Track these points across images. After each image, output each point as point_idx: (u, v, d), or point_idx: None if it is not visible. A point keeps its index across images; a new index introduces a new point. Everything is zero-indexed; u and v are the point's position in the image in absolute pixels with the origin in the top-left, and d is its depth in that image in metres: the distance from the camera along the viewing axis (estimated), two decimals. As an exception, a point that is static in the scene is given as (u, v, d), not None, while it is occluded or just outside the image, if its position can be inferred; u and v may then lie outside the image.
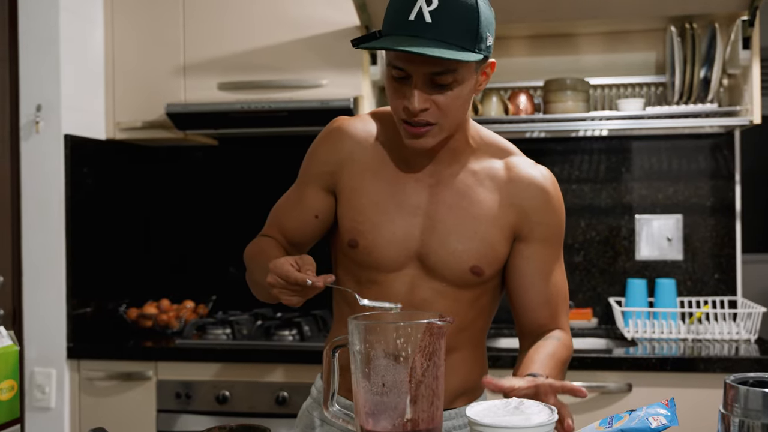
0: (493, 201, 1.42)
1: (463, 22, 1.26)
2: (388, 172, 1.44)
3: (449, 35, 1.25)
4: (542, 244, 1.45)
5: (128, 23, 2.87)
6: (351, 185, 1.45)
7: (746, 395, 0.95)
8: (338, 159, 1.47)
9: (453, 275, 1.42)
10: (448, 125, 1.35)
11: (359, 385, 1.11)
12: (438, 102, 1.31)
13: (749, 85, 2.60)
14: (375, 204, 1.43)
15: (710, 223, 2.94)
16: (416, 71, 1.28)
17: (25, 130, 2.66)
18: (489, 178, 1.44)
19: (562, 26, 2.90)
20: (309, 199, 1.50)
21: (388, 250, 1.41)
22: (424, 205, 1.42)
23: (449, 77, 1.29)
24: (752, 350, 2.44)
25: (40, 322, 2.65)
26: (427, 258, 1.42)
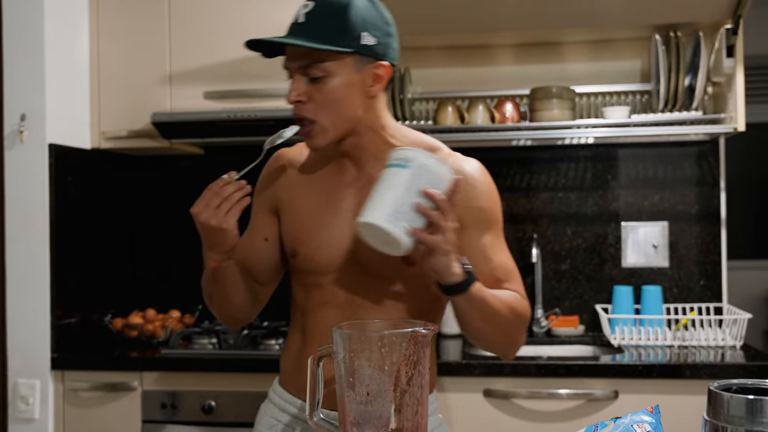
0: None
1: (331, 19, 1.37)
2: (320, 184, 1.54)
3: (314, 31, 1.37)
4: (477, 230, 1.47)
5: (114, 32, 2.86)
6: (289, 203, 1.56)
7: (729, 402, 0.95)
8: (277, 183, 1.59)
9: (388, 271, 1.46)
10: (329, 123, 1.42)
11: (344, 394, 1.10)
12: (313, 96, 1.40)
13: (733, 92, 2.62)
14: (310, 214, 1.52)
15: (696, 230, 2.95)
16: (290, 66, 1.42)
17: (10, 140, 2.64)
18: None
19: (548, 35, 2.91)
20: (258, 224, 1.61)
21: (326, 254, 1.49)
22: (355, 207, 1.48)
23: (318, 70, 1.38)
24: (738, 356, 2.45)
25: (24, 332, 2.63)
26: (361, 256, 1.47)
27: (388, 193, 1.27)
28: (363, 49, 1.38)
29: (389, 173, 1.30)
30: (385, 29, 1.43)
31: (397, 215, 1.26)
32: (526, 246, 3.00)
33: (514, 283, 1.50)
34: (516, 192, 3.04)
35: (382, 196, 1.28)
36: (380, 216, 1.26)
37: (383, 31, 1.42)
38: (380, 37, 1.41)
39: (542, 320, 2.91)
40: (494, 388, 2.40)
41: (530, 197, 3.03)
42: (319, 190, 1.53)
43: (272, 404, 1.61)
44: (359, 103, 1.43)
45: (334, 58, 1.38)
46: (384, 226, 1.26)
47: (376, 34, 1.40)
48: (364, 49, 1.39)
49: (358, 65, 1.40)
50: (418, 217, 1.27)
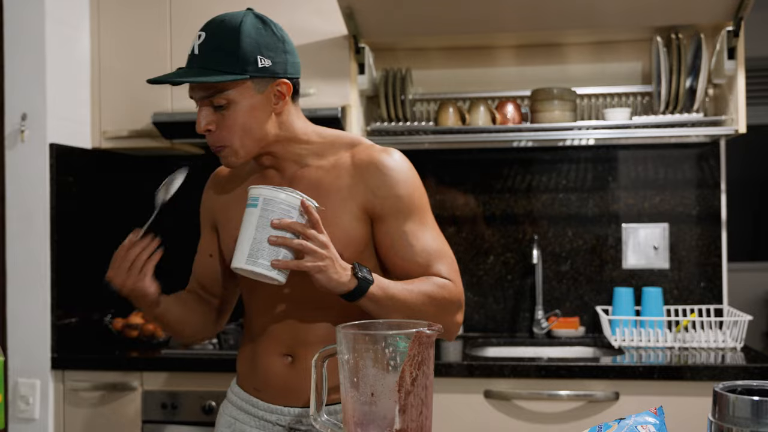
0: (340, 188, 1.51)
1: (223, 49, 1.41)
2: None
3: (209, 62, 1.41)
4: (398, 218, 1.50)
5: (115, 32, 2.86)
6: (223, 218, 1.62)
7: (735, 403, 0.95)
8: (212, 204, 1.67)
9: None
10: (240, 143, 1.46)
11: (348, 394, 1.10)
12: (220, 123, 1.45)
13: (734, 94, 2.62)
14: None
15: (696, 232, 2.95)
16: (194, 96, 1.45)
17: (10, 139, 2.64)
18: (336, 169, 1.53)
19: (549, 36, 2.91)
20: (204, 242, 1.70)
21: None
22: None
23: (221, 99, 1.43)
24: (738, 358, 2.45)
25: (24, 332, 2.62)
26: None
27: (243, 235, 1.36)
28: (260, 71, 1.43)
29: (244, 215, 1.37)
30: (279, 47, 1.47)
31: (256, 254, 1.34)
32: (527, 247, 3.00)
33: (440, 266, 1.50)
34: (517, 193, 3.04)
35: (240, 239, 1.36)
36: (241, 259, 1.34)
37: (278, 49, 1.46)
38: (275, 56, 1.45)
39: (543, 321, 2.91)
40: (495, 389, 2.40)
41: (531, 198, 3.03)
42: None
43: (230, 403, 1.64)
44: (266, 122, 1.48)
45: (233, 86, 1.42)
46: (246, 267, 1.34)
47: (270, 55, 1.44)
48: (261, 72, 1.43)
49: (259, 87, 1.44)
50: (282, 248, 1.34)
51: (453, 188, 3.06)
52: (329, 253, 1.35)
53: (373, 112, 2.98)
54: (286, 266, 1.34)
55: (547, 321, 2.91)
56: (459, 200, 3.06)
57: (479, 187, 3.06)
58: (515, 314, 3.03)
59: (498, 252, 3.04)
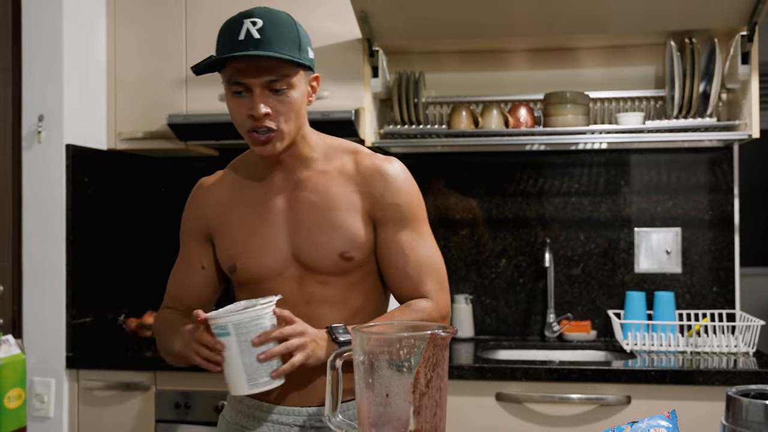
0: (345, 192, 1.56)
1: (287, 35, 1.45)
2: (248, 199, 1.61)
3: (277, 45, 1.43)
4: (396, 225, 1.56)
5: (131, 34, 2.88)
6: (221, 224, 1.62)
7: (748, 407, 0.95)
8: (204, 212, 1.65)
9: (326, 265, 1.54)
10: (288, 130, 1.50)
11: (362, 395, 1.11)
12: (276, 108, 1.47)
13: (748, 99, 2.62)
14: (243, 228, 1.58)
15: (709, 237, 2.95)
16: (255, 82, 1.45)
17: (27, 140, 2.67)
18: (339, 174, 1.57)
19: (563, 40, 2.91)
20: (191, 254, 1.67)
21: (264, 262, 1.55)
22: (285, 211, 1.57)
23: (284, 83, 1.46)
24: (751, 363, 2.45)
25: (40, 331, 2.65)
26: (300, 256, 1.55)
27: (232, 365, 1.41)
28: (310, 62, 1.50)
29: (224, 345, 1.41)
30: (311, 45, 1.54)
31: (255, 376, 1.40)
32: (539, 251, 3.01)
33: (428, 283, 1.56)
34: (529, 197, 3.04)
35: (230, 370, 1.41)
36: (243, 387, 1.41)
37: (311, 46, 1.53)
38: (312, 51, 1.53)
39: (554, 325, 2.91)
40: (506, 392, 2.40)
41: (543, 202, 3.04)
42: (249, 203, 1.60)
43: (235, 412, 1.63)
44: (305, 113, 1.54)
45: (295, 72, 1.47)
46: (252, 392, 1.41)
47: (311, 49, 1.52)
48: (310, 62, 1.50)
49: (305, 77, 1.51)
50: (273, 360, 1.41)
51: (465, 191, 3.07)
52: (309, 336, 1.43)
53: (387, 115, 2.99)
54: (284, 372, 1.42)
55: (558, 324, 2.92)
56: (471, 203, 3.07)
57: (492, 191, 3.07)
58: (527, 317, 3.04)
59: (510, 255, 3.05)
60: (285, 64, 1.45)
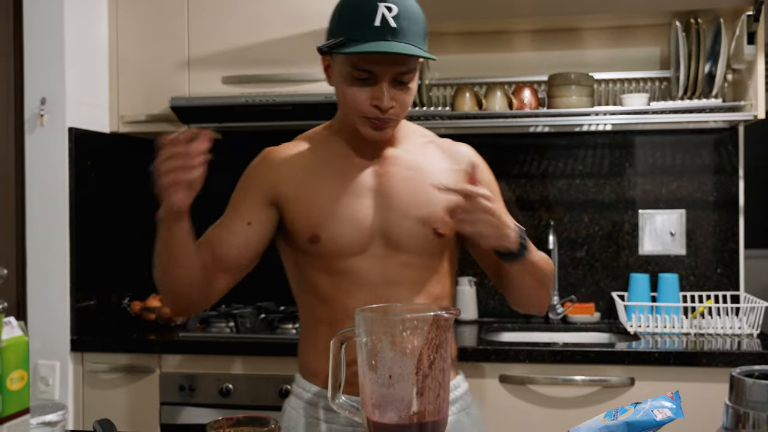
0: (440, 168, 1.56)
1: (418, 26, 1.43)
2: (331, 170, 1.56)
3: (412, 37, 1.41)
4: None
5: (133, 17, 2.87)
6: (296, 193, 1.54)
7: (752, 387, 0.95)
8: (276, 178, 1.56)
9: (418, 243, 1.52)
10: (401, 118, 1.51)
11: (366, 377, 1.11)
12: (400, 98, 1.46)
13: (754, 80, 2.60)
14: (328, 197, 1.53)
15: (713, 219, 2.94)
16: (386, 72, 1.42)
17: (30, 123, 2.66)
18: (428, 153, 1.59)
19: (567, 21, 2.89)
20: (243, 210, 1.56)
21: (350, 234, 1.50)
22: (375, 185, 1.54)
23: (411, 75, 1.45)
24: (755, 345, 2.44)
25: (44, 314, 2.66)
26: (390, 233, 1.51)
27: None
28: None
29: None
30: None
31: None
32: (543, 233, 3.00)
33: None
34: (533, 179, 3.03)
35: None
36: None
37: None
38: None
39: (558, 307, 2.91)
40: (510, 373, 2.41)
41: (547, 184, 3.03)
42: (333, 176, 1.54)
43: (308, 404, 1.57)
44: None
45: (419, 64, 1.47)
46: None
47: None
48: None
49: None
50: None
51: (469, 173, 3.06)
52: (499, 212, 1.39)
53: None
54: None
55: (562, 306, 2.92)
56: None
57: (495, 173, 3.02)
58: (531, 300, 3.03)
59: (514, 237, 3.04)
60: (415, 58, 1.42)
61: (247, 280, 1.63)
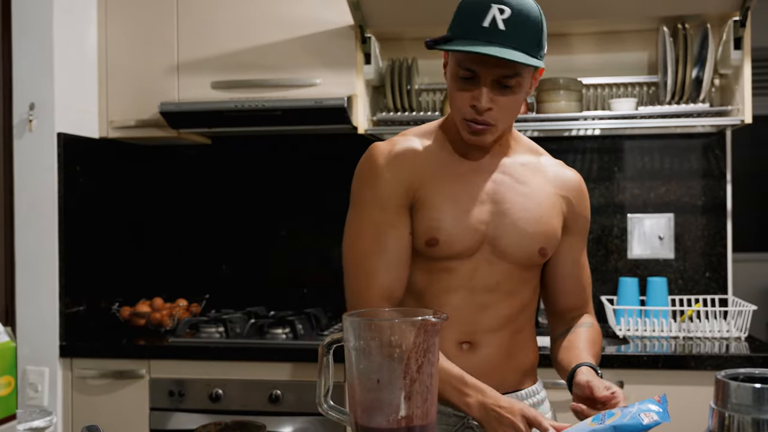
0: (547, 190, 1.55)
1: (531, 31, 1.39)
2: (451, 170, 1.53)
3: (519, 42, 1.37)
4: (580, 236, 1.60)
5: (122, 22, 2.87)
6: (424, 194, 1.50)
7: (737, 390, 0.96)
8: (413, 177, 1.50)
9: (522, 256, 1.51)
10: (503, 125, 1.47)
11: (354, 381, 1.11)
12: (501, 103, 1.42)
13: (740, 85, 2.62)
14: (450, 200, 1.51)
15: (702, 222, 2.95)
16: (487, 73, 1.40)
17: (19, 129, 2.66)
18: (537, 170, 1.57)
19: (556, 26, 2.90)
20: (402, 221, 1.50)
21: (466, 239, 1.49)
22: (491, 192, 1.52)
23: (514, 80, 1.40)
24: (742, 348, 2.46)
25: (33, 320, 2.65)
26: (498, 241, 1.50)
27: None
28: (542, 59, 1.43)
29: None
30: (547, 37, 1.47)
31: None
32: (532, 237, 3.01)
33: (590, 303, 1.66)
34: (522, 183, 3.04)
35: None
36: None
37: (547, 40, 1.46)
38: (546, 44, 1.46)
39: (548, 311, 2.92)
40: (500, 378, 2.41)
41: (536, 188, 3.03)
42: (453, 177, 1.52)
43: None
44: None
45: (528, 71, 1.42)
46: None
47: (546, 42, 1.45)
48: (542, 60, 1.43)
49: (533, 72, 1.45)
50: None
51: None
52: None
53: (379, 102, 2.98)
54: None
55: (552, 310, 2.92)
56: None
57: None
58: (520, 304, 3.04)
59: (503, 242, 3.05)
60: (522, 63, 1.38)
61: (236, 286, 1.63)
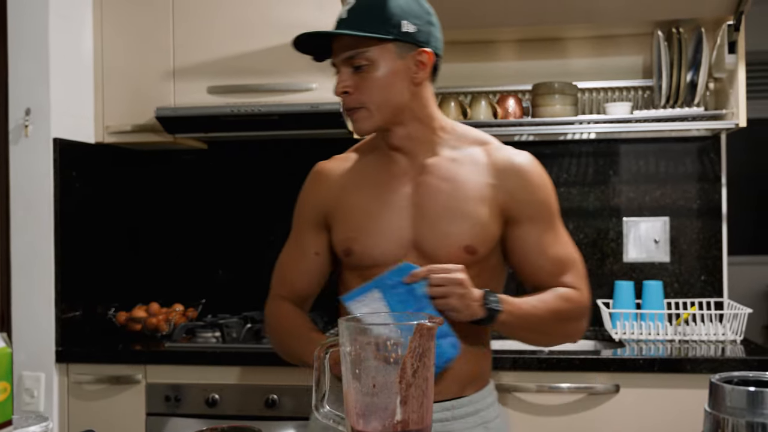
0: (477, 182, 1.50)
1: (371, 11, 1.43)
2: (370, 182, 1.55)
3: (357, 24, 1.42)
4: (532, 222, 1.52)
5: (118, 27, 2.87)
6: (338, 209, 1.57)
7: (731, 394, 0.96)
8: (321, 196, 1.60)
9: (447, 257, 1.47)
10: (375, 108, 1.47)
11: (350, 386, 1.11)
12: (359, 84, 1.45)
13: (735, 88, 2.63)
14: (363, 211, 1.52)
15: (697, 226, 2.96)
16: (337, 60, 1.47)
17: (14, 134, 2.66)
18: (470, 163, 1.52)
19: (551, 30, 2.91)
20: (306, 240, 1.62)
21: (384, 247, 1.49)
22: (410, 196, 1.51)
23: (362, 59, 1.44)
24: (738, 351, 2.46)
25: (29, 325, 2.64)
26: (421, 244, 1.49)
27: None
28: (404, 36, 1.43)
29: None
30: (425, 18, 1.48)
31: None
32: (528, 241, 3.01)
33: (569, 275, 1.54)
34: (518, 187, 3.04)
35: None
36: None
37: (423, 19, 1.47)
38: (420, 25, 1.46)
39: (544, 315, 2.92)
40: (497, 381, 2.40)
41: (532, 192, 3.04)
42: (370, 187, 1.54)
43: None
44: (405, 90, 1.48)
45: (376, 48, 1.44)
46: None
47: (416, 22, 1.45)
48: (405, 36, 1.44)
49: (401, 52, 1.45)
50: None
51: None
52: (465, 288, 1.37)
53: (375, 106, 2.99)
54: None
55: (548, 314, 2.92)
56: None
57: (481, 181, 3.07)
58: (516, 307, 3.04)
59: (499, 246, 3.05)
60: (363, 40, 1.42)
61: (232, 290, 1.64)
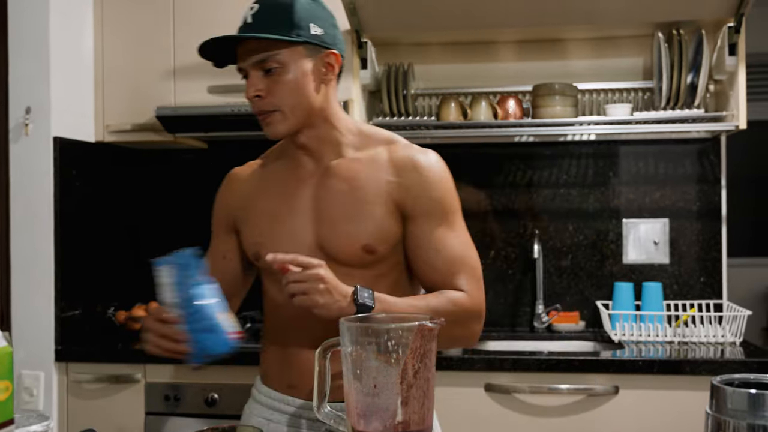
0: (376, 182, 1.50)
1: (278, 15, 1.43)
2: (277, 186, 1.57)
3: (262, 27, 1.42)
4: (425, 218, 1.51)
5: (118, 26, 2.87)
6: (246, 214, 1.60)
7: (732, 396, 0.96)
8: (230, 203, 1.64)
9: (348, 257, 1.49)
10: (289, 110, 1.46)
11: (351, 386, 1.12)
12: (270, 88, 1.45)
13: (735, 90, 2.63)
14: (269, 216, 1.55)
15: (697, 227, 2.96)
16: (244, 64, 1.46)
17: (15, 133, 2.65)
18: (372, 162, 1.52)
19: (551, 31, 2.92)
20: (216, 245, 1.67)
21: (288, 251, 1.47)
22: (312, 199, 1.53)
23: (273, 62, 1.43)
24: (737, 353, 2.46)
25: (29, 324, 2.64)
26: (323, 246, 1.51)
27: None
28: (312, 38, 1.45)
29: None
30: (330, 21, 1.50)
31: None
32: (528, 242, 3.02)
33: (460, 277, 1.52)
34: (518, 188, 3.05)
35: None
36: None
37: (328, 22, 1.49)
38: (327, 28, 1.48)
39: (543, 316, 2.93)
40: (495, 382, 2.41)
41: (532, 193, 3.04)
42: (276, 191, 1.57)
43: (259, 404, 1.62)
44: (316, 92, 1.48)
45: (286, 50, 1.44)
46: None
47: (322, 25, 1.47)
48: (313, 39, 1.45)
49: (310, 54, 1.46)
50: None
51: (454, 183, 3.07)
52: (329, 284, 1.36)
53: (376, 106, 2.99)
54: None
55: (547, 315, 2.93)
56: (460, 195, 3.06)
57: (480, 182, 3.07)
58: (516, 308, 3.05)
59: (499, 247, 3.06)
60: (273, 43, 1.42)
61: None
